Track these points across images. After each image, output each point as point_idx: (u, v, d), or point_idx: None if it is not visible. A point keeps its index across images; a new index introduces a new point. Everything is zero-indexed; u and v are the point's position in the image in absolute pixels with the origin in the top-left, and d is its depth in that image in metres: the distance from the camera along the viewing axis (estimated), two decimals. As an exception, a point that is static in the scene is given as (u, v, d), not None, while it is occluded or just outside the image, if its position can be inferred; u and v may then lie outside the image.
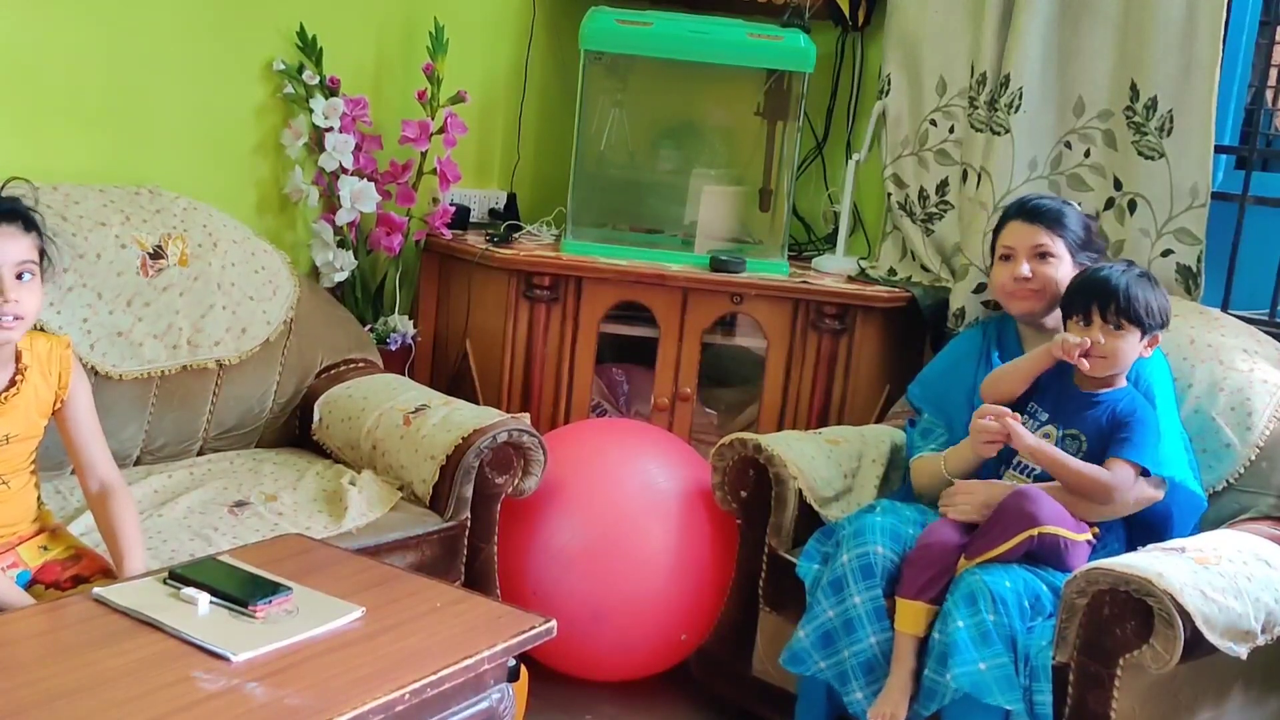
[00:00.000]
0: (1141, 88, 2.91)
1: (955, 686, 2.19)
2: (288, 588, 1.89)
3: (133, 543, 2.08)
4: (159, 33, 2.90)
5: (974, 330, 2.81)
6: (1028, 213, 2.62)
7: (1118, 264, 2.49)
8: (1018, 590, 2.25)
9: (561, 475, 2.76)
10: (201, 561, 2.01)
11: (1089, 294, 2.41)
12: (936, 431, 2.70)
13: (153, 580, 1.93)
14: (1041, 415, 2.48)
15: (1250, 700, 2.34)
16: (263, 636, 1.77)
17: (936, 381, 2.75)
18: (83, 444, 2.14)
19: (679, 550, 2.75)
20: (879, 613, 2.36)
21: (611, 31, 3.20)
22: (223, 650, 1.72)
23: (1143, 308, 2.38)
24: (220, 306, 2.82)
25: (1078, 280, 2.47)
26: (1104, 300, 2.38)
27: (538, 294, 3.18)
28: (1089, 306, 2.40)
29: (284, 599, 1.87)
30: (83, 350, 2.58)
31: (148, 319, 2.69)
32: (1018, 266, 2.59)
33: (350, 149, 3.16)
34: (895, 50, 3.33)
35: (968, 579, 2.27)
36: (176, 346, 2.73)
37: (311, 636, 1.80)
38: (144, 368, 2.68)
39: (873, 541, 2.39)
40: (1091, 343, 2.38)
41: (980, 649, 2.20)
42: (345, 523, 2.48)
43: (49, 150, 2.77)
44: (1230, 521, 2.49)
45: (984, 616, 2.21)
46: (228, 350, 2.82)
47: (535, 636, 1.94)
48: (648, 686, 2.90)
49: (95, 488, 2.14)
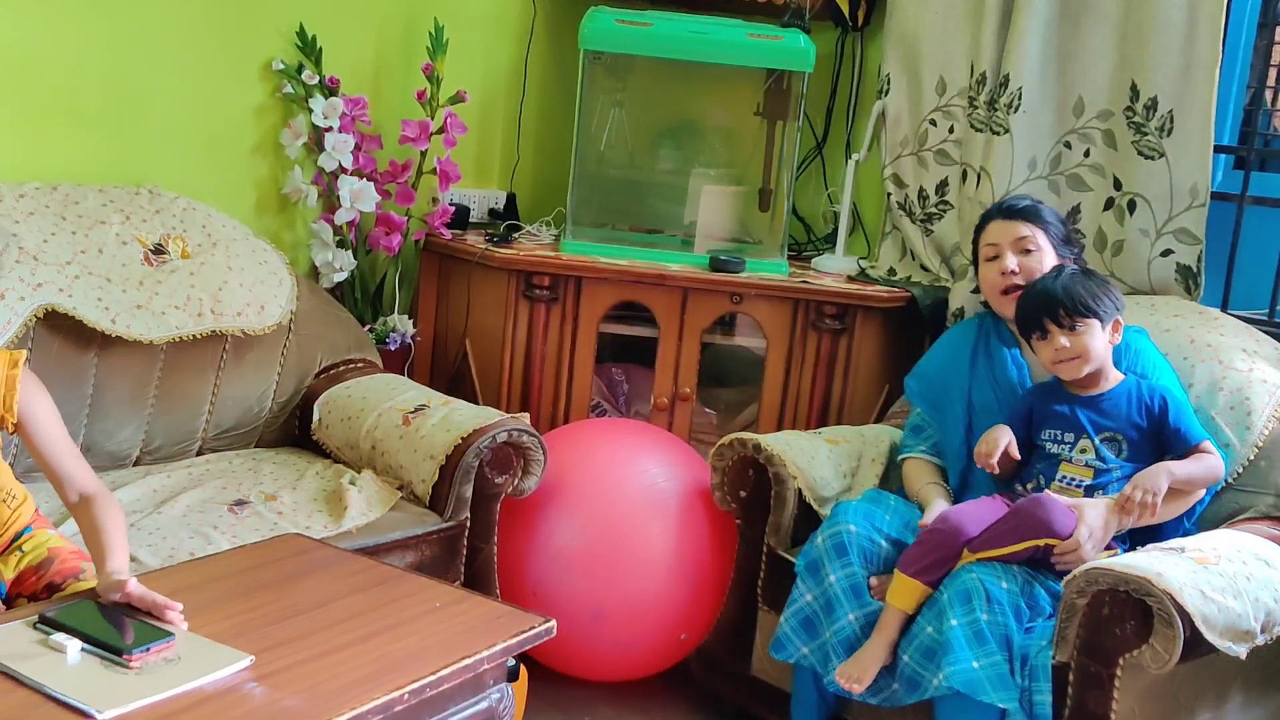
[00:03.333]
0: (1141, 88, 2.91)
1: (949, 685, 2.20)
2: (169, 634, 1.73)
3: (115, 544, 1.92)
4: (158, 32, 2.90)
5: (968, 323, 2.81)
6: (1006, 211, 2.68)
7: (1047, 275, 2.54)
8: (1014, 591, 2.25)
9: (561, 475, 2.76)
10: (78, 603, 1.82)
11: (1034, 309, 2.48)
12: (927, 430, 2.71)
13: (22, 624, 1.75)
14: (1065, 438, 2.46)
15: (1250, 700, 2.34)
16: (135, 690, 1.60)
17: (934, 377, 2.76)
18: (53, 458, 1.98)
19: (679, 550, 2.75)
20: (857, 590, 2.39)
21: (611, 31, 3.19)
22: (85, 706, 1.54)
23: (1089, 298, 2.43)
24: (236, 284, 2.82)
25: (1020, 303, 2.53)
26: (1050, 309, 2.44)
27: (537, 294, 3.18)
28: (1040, 320, 2.46)
29: (164, 646, 1.70)
30: (104, 324, 2.58)
31: (164, 293, 2.70)
32: (1004, 261, 2.61)
33: (350, 149, 3.16)
34: (895, 50, 3.33)
35: (964, 577, 2.27)
36: (200, 314, 2.73)
37: (190, 689, 1.63)
38: (172, 333, 2.68)
39: (844, 521, 2.44)
40: (1060, 348, 2.43)
41: (975, 648, 2.20)
42: (345, 522, 2.48)
43: (48, 150, 2.77)
44: (1229, 521, 2.49)
45: (978, 615, 2.21)
46: (250, 321, 2.81)
47: (535, 636, 1.94)
48: (647, 686, 2.90)
49: (75, 499, 1.99)
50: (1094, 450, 2.43)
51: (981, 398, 2.64)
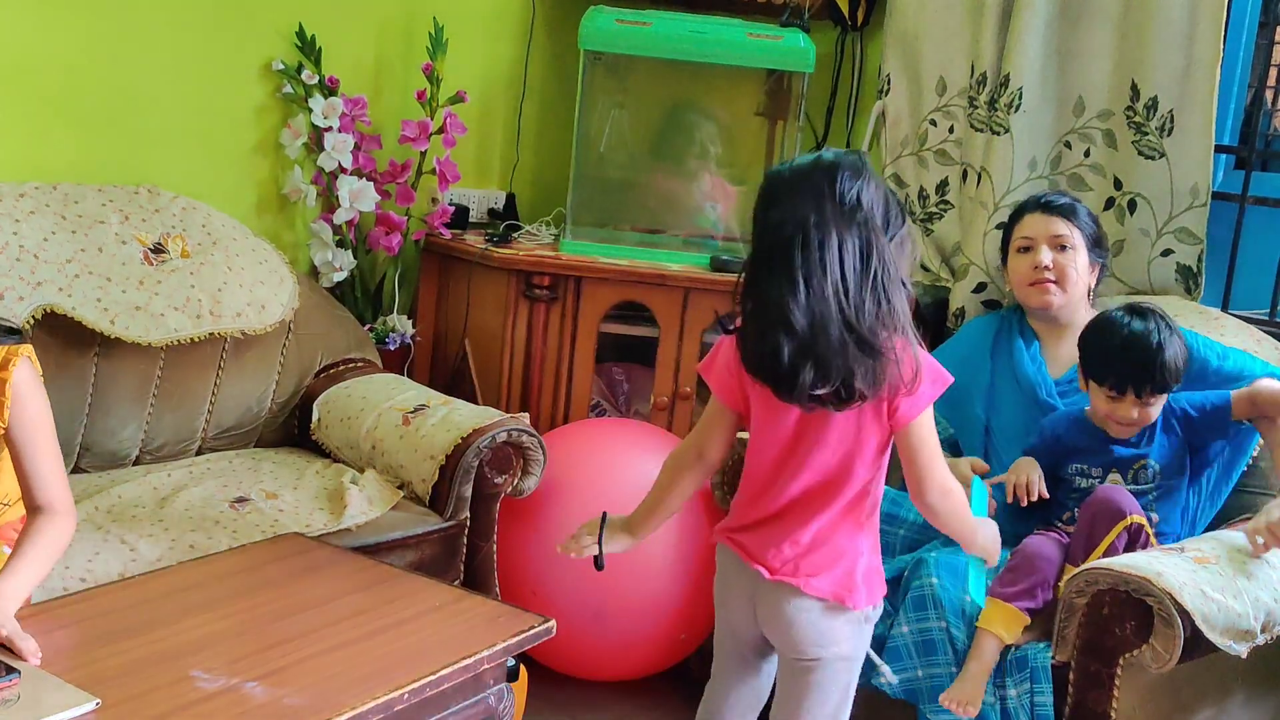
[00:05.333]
0: (1142, 87, 2.91)
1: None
2: (15, 671, 1.60)
3: (24, 567, 1.77)
4: (158, 32, 2.90)
5: (988, 318, 2.80)
6: (1045, 205, 2.64)
7: (1137, 318, 2.33)
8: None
9: (561, 475, 2.76)
10: None
11: (1126, 368, 2.30)
12: (940, 424, 2.70)
13: None
14: (1093, 472, 2.41)
15: (1251, 699, 2.34)
16: None
17: (951, 372, 2.75)
18: (28, 458, 1.85)
19: (679, 550, 2.75)
20: None
21: (611, 31, 3.19)
22: None
23: (1174, 375, 2.30)
24: (236, 284, 2.81)
25: (1109, 344, 2.33)
26: (1141, 379, 2.29)
27: (537, 294, 3.18)
28: (1125, 384, 2.30)
29: (6, 684, 1.57)
30: (103, 325, 2.58)
31: (164, 294, 2.69)
32: (1038, 255, 2.59)
33: (349, 148, 3.15)
34: (895, 50, 3.33)
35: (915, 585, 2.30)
36: (200, 316, 2.73)
37: None
38: (171, 335, 2.67)
39: None
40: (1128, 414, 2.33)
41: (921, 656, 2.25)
42: (345, 519, 2.48)
43: (47, 149, 2.77)
44: (1230, 522, 2.49)
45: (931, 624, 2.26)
46: (250, 322, 2.80)
47: (535, 636, 1.94)
48: (648, 686, 2.90)
49: (36, 506, 1.85)
50: (1124, 482, 2.38)
51: (1001, 395, 2.63)
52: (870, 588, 1.87)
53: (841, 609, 1.85)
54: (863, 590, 1.86)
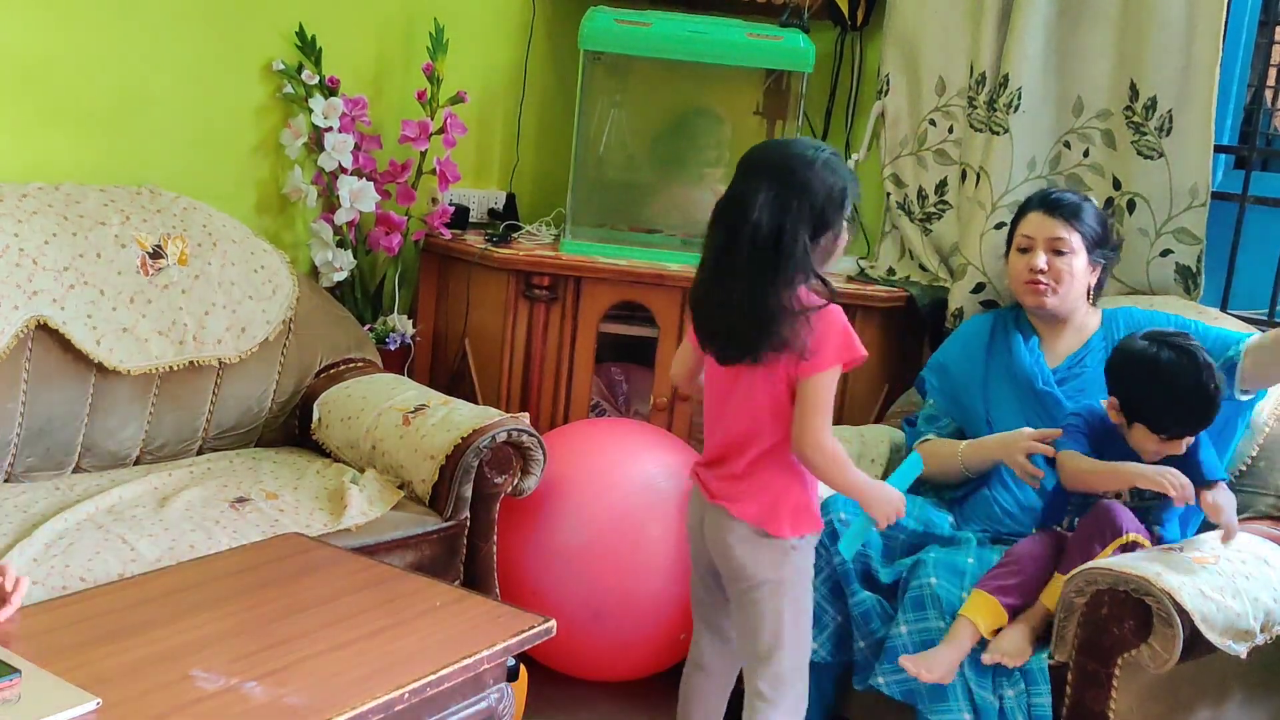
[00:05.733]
0: (1141, 87, 2.91)
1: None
2: (16, 670, 1.59)
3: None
4: (158, 33, 2.90)
5: (984, 316, 2.81)
6: (1049, 205, 2.63)
7: (1187, 361, 2.24)
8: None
9: (561, 475, 2.76)
10: None
11: (1189, 418, 2.25)
12: (943, 420, 2.72)
13: None
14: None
15: (1249, 699, 2.34)
16: None
17: (950, 370, 2.76)
18: None
19: (679, 550, 2.74)
20: (845, 576, 2.41)
21: (611, 31, 3.19)
22: None
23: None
24: (221, 305, 2.82)
25: (1168, 396, 2.24)
26: (1202, 424, 2.25)
27: (537, 294, 3.18)
28: (1180, 433, 2.26)
29: (7, 684, 1.57)
30: (89, 345, 2.58)
31: (151, 315, 2.70)
32: (1035, 258, 2.60)
33: (349, 149, 3.16)
34: (894, 50, 3.33)
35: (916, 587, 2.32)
36: (183, 343, 2.74)
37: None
38: (151, 363, 2.69)
39: (835, 510, 2.41)
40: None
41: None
42: (345, 520, 2.48)
43: (49, 150, 2.77)
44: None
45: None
46: (228, 349, 2.82)
47: (534, 636, 1.95)
48: (647, 686, 2.90)
49: None
50: (1139, 499, 2.34)
51: (998, 390, 2.64)
52: (796, 522, 2.09)
53: (766, 536, 2.07)
54: (786, 521, 2.08)
